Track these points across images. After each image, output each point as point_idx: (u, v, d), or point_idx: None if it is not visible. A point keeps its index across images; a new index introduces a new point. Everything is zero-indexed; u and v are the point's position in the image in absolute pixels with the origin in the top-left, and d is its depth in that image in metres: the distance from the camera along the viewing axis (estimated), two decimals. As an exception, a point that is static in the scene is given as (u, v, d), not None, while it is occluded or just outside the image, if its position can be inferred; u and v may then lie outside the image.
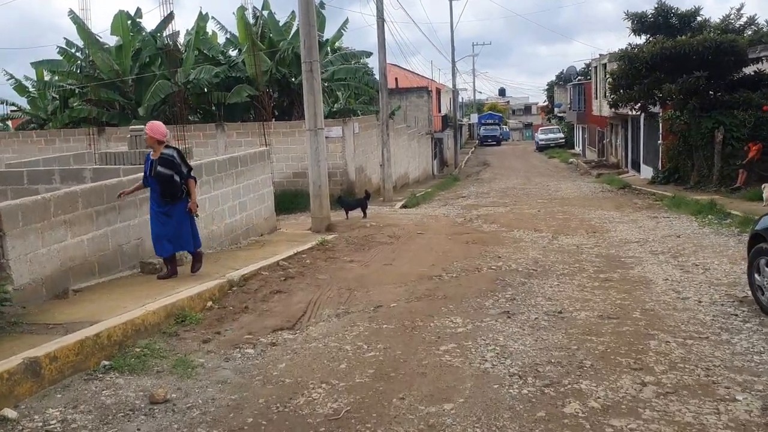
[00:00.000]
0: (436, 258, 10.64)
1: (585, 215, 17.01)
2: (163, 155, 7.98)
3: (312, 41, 13.57)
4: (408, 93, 42.27)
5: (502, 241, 12.70)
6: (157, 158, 7.99)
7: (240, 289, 8.10)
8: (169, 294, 7.18)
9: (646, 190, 23.36)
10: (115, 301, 6.94)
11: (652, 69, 22.51)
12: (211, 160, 11.39)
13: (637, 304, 7.47)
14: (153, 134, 8.04)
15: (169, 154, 8.01)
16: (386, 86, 23.91)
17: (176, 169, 8.01)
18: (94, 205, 8.17)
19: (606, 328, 6.46)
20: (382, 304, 7.52)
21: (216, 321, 6.84)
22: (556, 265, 10.01)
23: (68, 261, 7.63)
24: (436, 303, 7.54)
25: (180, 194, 8.07)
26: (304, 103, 13.84)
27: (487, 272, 9.42)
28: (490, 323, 6.66)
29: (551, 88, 74.23)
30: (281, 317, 7.00)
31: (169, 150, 8.06)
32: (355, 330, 6.53)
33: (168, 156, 8.00)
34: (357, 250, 11.37)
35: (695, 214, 15.92)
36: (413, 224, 15.26)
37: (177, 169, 8.02)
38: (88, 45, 25.69)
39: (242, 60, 26.73)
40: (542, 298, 7.80)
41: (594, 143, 46.54)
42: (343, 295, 8.03)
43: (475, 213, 18.61)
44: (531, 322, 6.68)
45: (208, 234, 10.84)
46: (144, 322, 6.24)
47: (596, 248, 11.81)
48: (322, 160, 13.82)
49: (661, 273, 9.38)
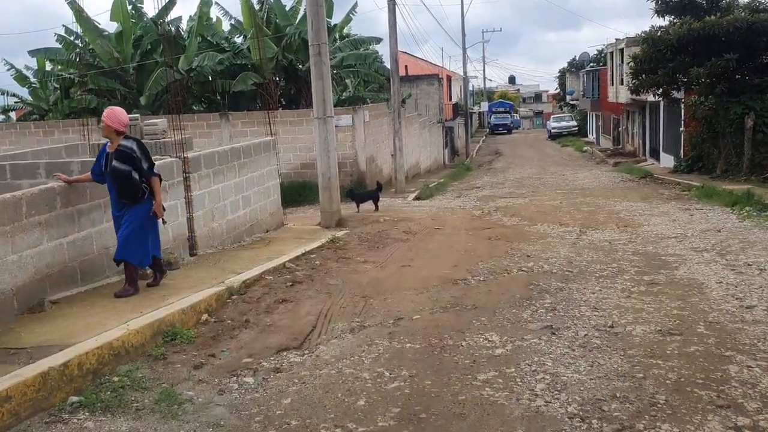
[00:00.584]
0: (459, 257, 9.65)
1: (611, 207, 15.96)
2: (121, 147, 6.79)
3: (320, 22, 12.56)
4: (418, 80, 41.12)
5: (527, 237, 11.70)
6: (113, 151, 6.82)
7: (240, 297, 7.12)
8: (158, 306, 6.22)
9: (669, 180, 22.27)
10: (95, 316, 5.98)
11: (678, 52, 21.32)
12: (210, 151, 10.42)
13: (697, 315, 6.46)
14: (110, 122, 6.82)
15: (127, 147, 6.80)
16: (398, 72, 22.85)
17: (135, 164, 6.78)
18: (76, 203, 7.20)
19: (671, 348, 5.46)
20: (402, 316, 6.54)
21: (211, 339, 5.87)
22: (592, 266, 9.00)
23: (44, 268, 6.66)
24: (465, 315, 6.55)
25: (141, 194, 6.84)
26: (312, 90, 12.84)
27: (518, 275, 8.41)
28: (532, 342, 5.66)
29: (563, 75, 72.75)
30: (287, 333, 6.02)
31: (128, 141, 6.85)
32: (373, 351, 5.54)
33: (126, 149, 6.78)
34: (371, 249, 10.40)
35: (730, 206, 14.84)
36: (429, 218, 14.27)
37: (136, 164, 6.79)
38: (87, 32, 24.70)
39: (247, 47, 25.71)
40: (586, 307, 6.80)
41: (609, 131, 45.37)
42: (357, 304, 7.05)
43: (493, 205, 17.60)
44: (581, 340, 5.68)
45: (208, 232, 9.89)
46: (125, 344, 5.28)
47: (631, 245, 10.80)
48: (332, 150, 12.83)
49: (711, 275, 8.36)
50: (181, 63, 24.59)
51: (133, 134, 11.93)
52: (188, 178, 9.40)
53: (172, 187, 8.98)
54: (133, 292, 6.80)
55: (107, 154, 6.87)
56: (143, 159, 6.85)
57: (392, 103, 23.12)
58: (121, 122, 6.87)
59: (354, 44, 27.60)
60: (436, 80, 41.83)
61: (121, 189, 6.79)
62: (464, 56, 47.94)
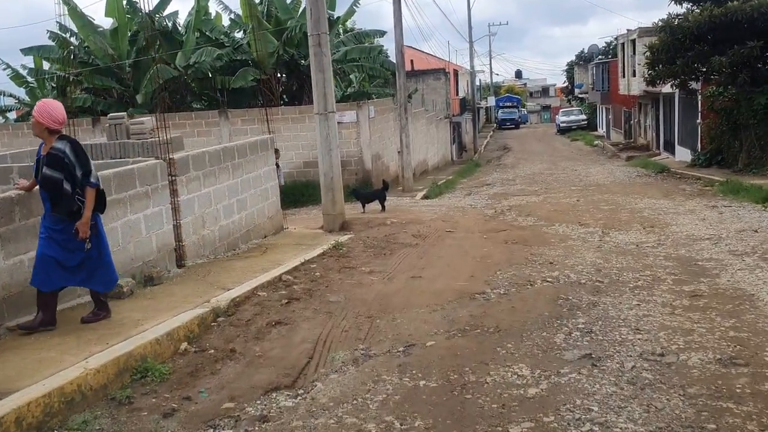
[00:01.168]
0: (475, 266, 8.72)
1: (633, 205, 14.99)
2: (53, 150, 5.56)
3: (320, 11, 11.63)
4: (424, 75, 40.07)
5: (547, 240, 10.77)
6: (45, 154, 5.62)
7: (228, 320, 6.20)
8: (128, 335, 5.32)
9: (689, 174, 21.26)
10: (52, 348, 5.08)
11: (697, 40, 20.28)
12: (200, 151, 9.51)
13: (759, 338, 5.51)
14: (41, 119, 5.56)
15: (59, 150, 5.53)
16: (403, 65, 21.88)
17: (66, 171, 5.51)
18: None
19: (740, 385, 4.51)
20: (414, 342, 5.61)
21: (188, 375, 4.95)
22: (623, 274, 8.06)
23: (0, 291, 5.78)
24: (487, 340, 5.61)
25: (77, 209, 5.58)
26: (312, 83, 11.93)
27: (543, 287, 7.48)
28: (571, 377, 4.72)
29: (571, 69, 71.46)
30: (278, 368, 5.09)
31: (61, 143, 5.58)
32: (380, 391, 4.62)
33: (58, 152, 5.53)
34: (377, 256, 9.48)
35: (762, 202, 13.85)
36: (440, 219, 13.34)
37: (68, 171, 5.51)
38: (81, 28, 23.82)
39: (247, 42, 24.77)
40: (627, 328, 5.86)
41: (620, 124, 44.26)
42: (361, 326, 6.13)
43: (506, 204, 16.66)
44: (628, 375, 4.74)
45: (198, 240, 9.00)
46: (81, 387, 4.38)
47: (661, 248, 9.86)
48: (334, 148, 11.93)
49: (760, 284, 7.40)
50: (179, 59, 23.68)
51: (118, 134, 11.08)
52: (174, 181, 8.50)
53: (155, 192, 8.08)
54: (104, 315, 5.90)
55: (40, 158, 5.73)
56: (77, 165, 5.57)
57: (398, 97, 22.16)
58: (55, 119, 5.62)
59: (357, 38, 26.67)
60: (442, 74, 40.77)
61: (53, 201, 5.59)
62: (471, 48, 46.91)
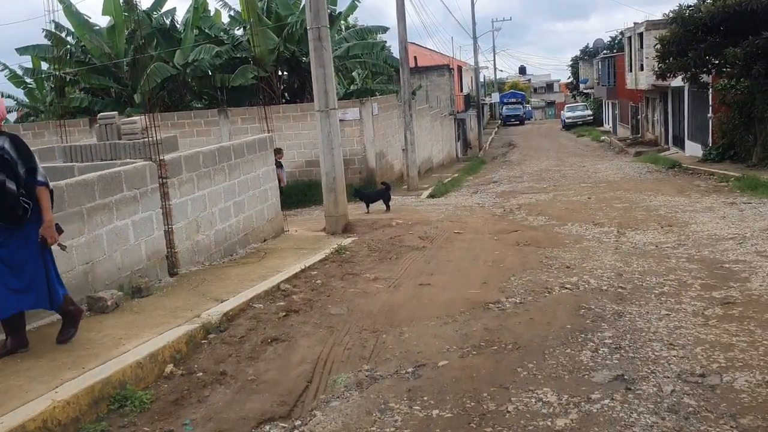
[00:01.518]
0: (487, 271, 8.17)
1: (647, 202, 14.41)
2: None
3: (320, 3, 11.07)
4: (428, 72, 39.47)
5: (561, 241, 10.22)
6: None
7: (219, 336, 5.65)
8: (107, 357, 4.78)
9: (701, 170, 20.67)
10: (20, 375, 4.53)
11: (710, 31, 19.71)
12: (193, 151, 8.96)
13: (808, 353, 4.96)
14: None
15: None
16: (407, 61, 21.31)
17: (8, 169, 4.89)
18: None
19: (798, 413, 3.97)
20: (425, 361, 5.06)
21: (172, 404, 4.41)
22: (647, 279, 7.50)
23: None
24: (506, 358, 5.06)
25: (23, 212, 4.91)
26: (313, 79, 11.38)
27: (562, 294, 6.92)
28: (603, 404, 4.16)
29: (576, 64, 70.74)
30: (273, 394, 4.55)
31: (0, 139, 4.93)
32: (388, 423, 4.07)
33: None
34: (382, 260, 8.93)
35: (783, 198, 13.33)
36: (447, 219, 12.78)
37: (10, 169, 4.89)
38: (77, 27, 23.31)
39: (247, 39, 24.22)
40: (659, 342, 5.30)
41: (627, 119, 43.64)
42: (366, 342, 5.58)
43: (515, 202, 16.11)
44: (668, 400, 4.19)
45: (192, 246, 8.46)
46: (47, 423, 3.85)
47: (682, 249, 9.31)
48: (336, 146, 11.39)
49: (796, 288, 6.87)
50: (177, 57, 23.15)
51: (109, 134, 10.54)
52: (165, 184, 7.97)
53: (145, 196, 7.55)
54: (73, 333, 5.32)
55: None
56: (20, 162, 4.95)
57: (402, 94, 21.61)
58: None
59: (360, 34, 26.09)
60: (446, 71, 40.19)
61: None
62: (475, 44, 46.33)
